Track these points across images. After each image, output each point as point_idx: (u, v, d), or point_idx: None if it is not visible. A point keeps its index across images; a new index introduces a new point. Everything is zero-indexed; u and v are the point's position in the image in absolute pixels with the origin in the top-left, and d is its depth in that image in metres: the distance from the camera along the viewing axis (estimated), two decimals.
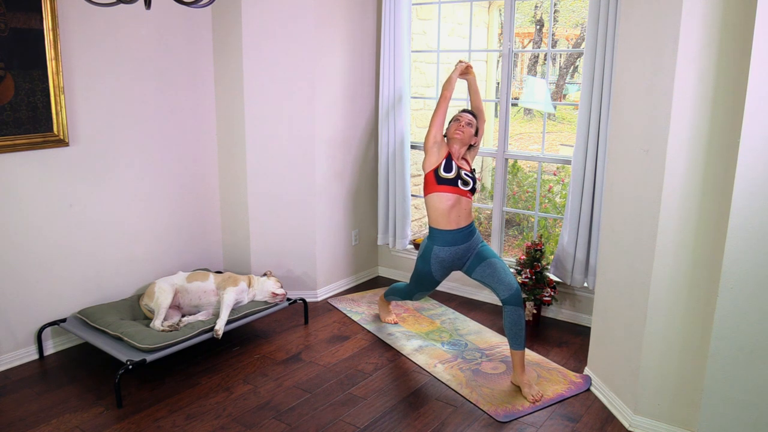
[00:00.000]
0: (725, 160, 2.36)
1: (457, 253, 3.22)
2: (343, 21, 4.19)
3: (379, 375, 3.30)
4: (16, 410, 2.91)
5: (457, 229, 3.19)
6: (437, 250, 3.22)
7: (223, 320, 3.33)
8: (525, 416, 2.92)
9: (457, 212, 3.19)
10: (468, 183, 3.22)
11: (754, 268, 2.24)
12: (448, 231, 3.19)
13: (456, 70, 3.45)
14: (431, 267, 3.26)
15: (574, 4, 8.62)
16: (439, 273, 3.29)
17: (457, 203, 3.18)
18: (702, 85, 2.40)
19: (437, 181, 3.18)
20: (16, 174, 3.21)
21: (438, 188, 3.18)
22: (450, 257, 3.23)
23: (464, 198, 3.21)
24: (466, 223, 3.22)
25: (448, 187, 3.17)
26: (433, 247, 3.23)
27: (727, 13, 2.30)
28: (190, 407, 2.97)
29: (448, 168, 3.19)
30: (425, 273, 3.31)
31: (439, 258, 3.23)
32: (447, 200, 3.17)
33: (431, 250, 3.24)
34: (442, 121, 3.28)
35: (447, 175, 3.17)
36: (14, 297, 3.29)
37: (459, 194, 3.19)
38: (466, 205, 3.23)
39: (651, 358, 2.70)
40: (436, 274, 3.29)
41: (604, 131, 3.51)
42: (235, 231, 4.29)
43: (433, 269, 3.27)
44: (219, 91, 4.13)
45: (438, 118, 3.27)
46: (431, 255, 3.24)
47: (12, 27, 3.07)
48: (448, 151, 3.26)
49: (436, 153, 3.24)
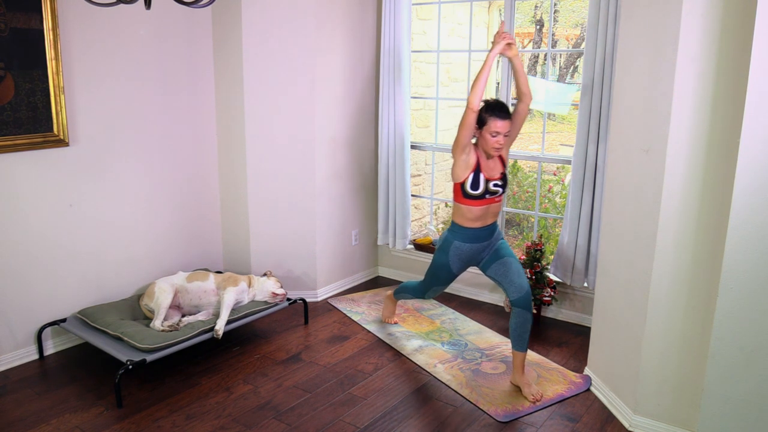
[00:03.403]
0: (725, 159, 2.36)
1: (477, 249, 3.16)
2: (343, 21, 4.18)
3: (379, 375, 3.30)
4: (16, 410, 2.91)
5: (481, 227, 3.11)
6: (458, 244, 3.14)
7: (223, 320, 3.33)
8: (525, 416, 2.92)
9: (485, 217, 3.10)
10: (497, 192, 3.07)
11: (754, 268, 2.24)
12: (472, 228, 3.10)
13: (494, 48, 2.95)
14: (449, 260, 3.18)
15: (574, 4, 8.62)
16: (456, 266, 3.22)
17: (486, 211, 3.09)
18: (702, 85, 2.40)
19: (463, 194, 3.05)
20: (16, 174, 3.21)
21: (465, 201, 3.06)
22: (469, 252, 3.16)
23: (494, 204, 3.10)
24: (492, 222, 3.14)
25: (475, 201, 3.04)
26: (454, 241, 3.14)
27: (727, 13, 2.30)
28: (190, 407, 2.97)
29: (475, 185, 3.01)
30: (442, 265, 3.23)
31: (459, 251, 3.15)
32: (476, 211, 3.06)
33: (451, 243, 3.16)
34: (470, 135, 2.96)
35: (474, 192, 3.02)
36: (14, 297, 3.28)
37: (488, 204, 3.07)
38: (495, 208, 3.13)
39: (651, 358, 2.70)
40: (454, 267, 3.21)
41: (604, 131, 3.51)
42: (235, 231, 4.29)
43: (451, 262, 3.19)
44: (219, 90, 4.13)
45: (464, 133, 2.94)
46: (450, 248, 3.16)
47: (12, 27, 3.07)
48: (476, 159, 3.01)
49: (464, 165, 3.01)
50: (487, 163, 3.05)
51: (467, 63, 4.53)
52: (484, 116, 2.95)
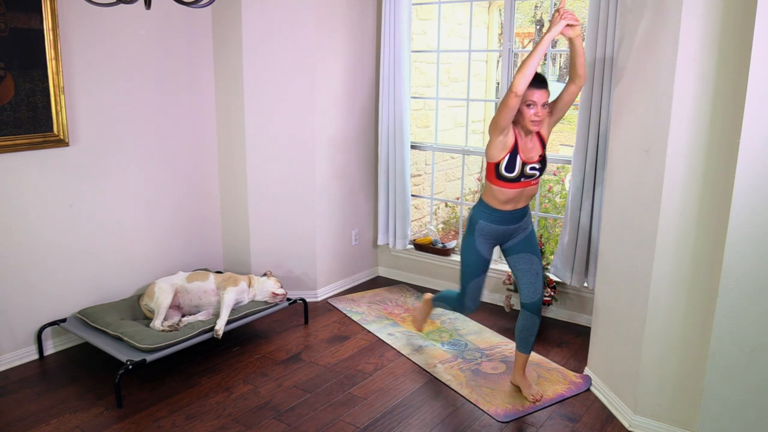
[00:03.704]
0: (725, 159, 2.36)
1: (504, 231, 2.98)
2: (343, 21, 4.18)
3: (379, 375, 3.30)
4: (16, 410, 2.91)
5: (512, 210, 2.93)
6: (483, 224, 2.95)
7: (223, 320, 3.33)
8: (525, 416, 2.92)
9: (516, 200, 2.90)
10: (533, 176, 2.87)
11: (754, 268, 2.24)
12: (501, 211, 2.92)
13: (553, 29, 2.67)
14: (475, 240, 2.99)
15: (574, 4, 8.61)
16: (484, 247, 3.00)
17: (519, 194, 2.89)
18: (702, 85, 2.40)
19: (497, 176, 2.84)
20: (16, 174, 3.21)
21: (497, 183, 2.85)
22: (494, 232, 2.97)
23: (529, 187, 2.90)
24: (524, 205, 2.96)
25: (509, 184, 2.84)
26: (479, 220, 2.96)
27: (727, 13, 2.30)
28: (190, 407, 2.97)
29: (511, 167, 2.80)
30: (469, 248, 3.01)
31: (483, 231, 2.96)
32: (509, 194, 2.87)
33: (476, 222, 2.96)
34: (515, 109, 2.71)
35: (508, 175, 2.82)
36: (14, 297, 3.28)
37: (523, 187, 2.88)
38: (530, 191, 2.93)
39: (651, 358, 2.70)
40: (481, 248, 3.00)
41: (604, 131, 3.51)
42: (235, 231, 4.29)
43: (477, 242, 2.99)
44: (219, 90, 4.13)
45: (504, 114, 2.71)
46: (476, 227, 2.97)
47: (12, 27, 3.07)
48: (515, 139, 2.81)
49: (501, 146, 2.80)
50: (526, 143, 2.85)
51: (467, 63, 4.53)
52: None
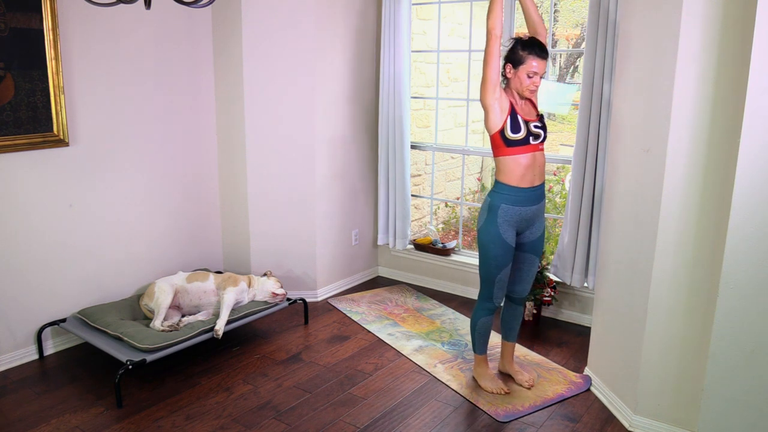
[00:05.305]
0: (725, 159, 2.36)
1: (524, 215, 2.90)
2: (343, 21, 4.19)
3: (379, 375, 3.30)
4: (16, 410, 2.91)
5: (531, 188, 2.87)
6: (506, 207, 2.85)
7: (223, 320, 3.33)
8: (525, 416, 2.92)
9: (532, 171, 2.85)
10: (539, 135, 2.84)
11: (754, 268, 2.24)
12: (522, 189, 2.85)
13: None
14: (499, 228, 2.86)
15: (574, 4, 8.61)
16: (509, 234, 2.89)
17: (533, 161, 2.84)
18: (702, 85, 2.40)
19: (506, 143, 2.79)
20: (16, 174, 3.21)
21: (509, 151, 2.80)
22: (517, 216, 2.88)
23: (539, 153, 2.86)
24: (540, 182, 2.91)
25: (520, 147, 2.80)
26: (501, 204, 2.85)
27: (727, 13, 2.30)
28: (190, 407, 2.97)
29: (515, 127, 2.77)
30: (493, 239, 2.88)
31: (508, 216, 2.86)
32: (523, 161, 2.81)
33: (498, 207, 2.86)
34: (498, 69, 2.75)
35: (516, 136, 2.77)
36: (14, 297, 3.28)
37: (533, 151, 2.83)
38: (541, 160, 2.89)
39: (651, 358, 2.70)
40: (506, 235, 2.88)
41: (604, 131, 3.51)
42: (235, 231, 4.29)
43: (502, 229, 2.87)
44: (219, 90, 4.13)
45: (492, 67, 2.72)
46: (498, 212, 2.86)
47: (12, 27, 3.07)
48: (510, 103, 2.80)
49: (498, 109, 2.77)
50: (521, 106, 2.84)
51: (467, 63, 4.53)
52: (521, 54, 2.76)
